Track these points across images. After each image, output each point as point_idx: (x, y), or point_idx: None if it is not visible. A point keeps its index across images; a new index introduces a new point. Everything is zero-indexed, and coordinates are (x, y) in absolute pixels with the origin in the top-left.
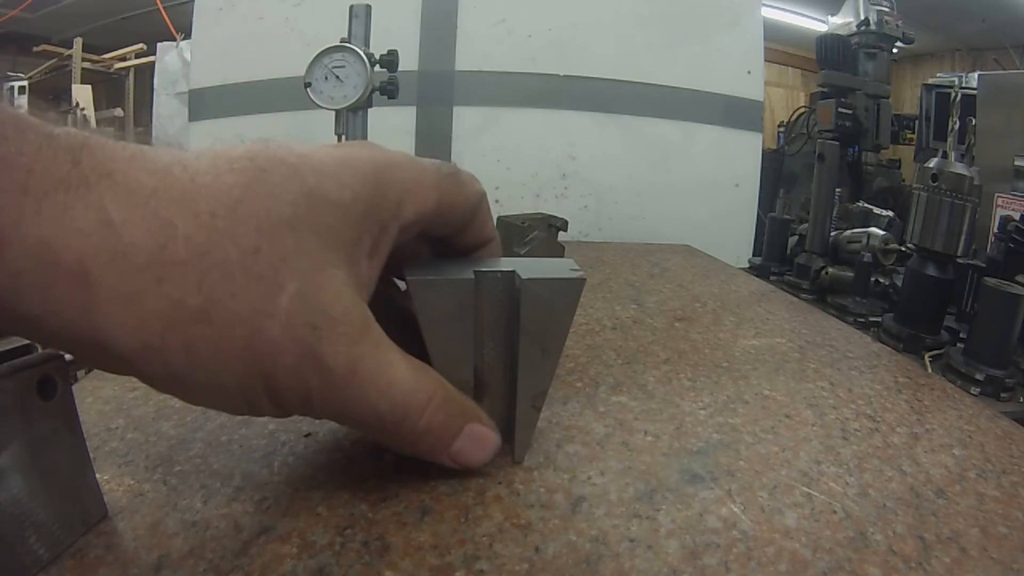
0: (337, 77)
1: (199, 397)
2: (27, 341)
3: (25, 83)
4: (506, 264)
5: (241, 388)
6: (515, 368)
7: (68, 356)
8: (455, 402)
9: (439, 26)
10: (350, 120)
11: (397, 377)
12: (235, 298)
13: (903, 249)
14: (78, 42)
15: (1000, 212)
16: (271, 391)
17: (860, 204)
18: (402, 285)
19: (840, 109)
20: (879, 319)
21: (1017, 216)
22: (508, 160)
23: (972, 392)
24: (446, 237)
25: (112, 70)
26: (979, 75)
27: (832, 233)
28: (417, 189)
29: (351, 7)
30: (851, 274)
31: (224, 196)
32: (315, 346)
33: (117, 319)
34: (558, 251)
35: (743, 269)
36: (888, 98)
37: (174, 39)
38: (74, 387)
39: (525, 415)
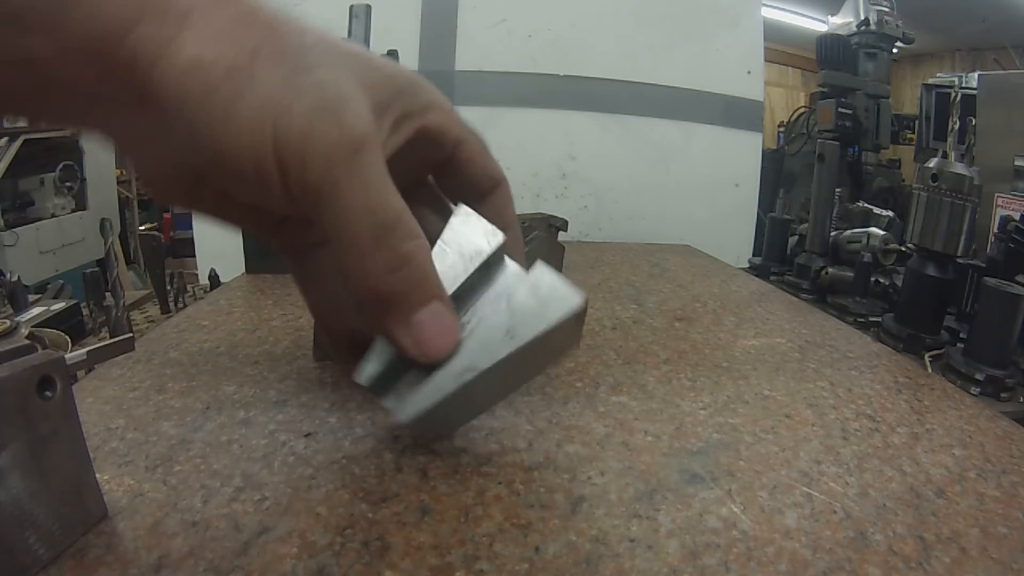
0: None
1: (218, 143)
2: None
3: None
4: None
5: (256, 124)
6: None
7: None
8: (432, 270)
9: (439, 26)
10: None
11: (396, 194)
12: (283, 54)
13: (903, 249)
14: None
15: (1000, 212)
16: (279, 137)
17: (860, 204)
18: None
19: (840, 109)
20: (879, 319)
21: (1017, 216)
22: (508, 160)
23: (972, 392)
24: (443, 165)
25: None
26: (979, 75)
27: (832, 233)
28: (443, 107)
29: (351, 7)
30: (851, 274)
31: (306, 24)
32: (332, 106)
33: (191, 43)
34: (558, 251)
35: (743, 269)
36: (888, 98)
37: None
38: (74, 387)
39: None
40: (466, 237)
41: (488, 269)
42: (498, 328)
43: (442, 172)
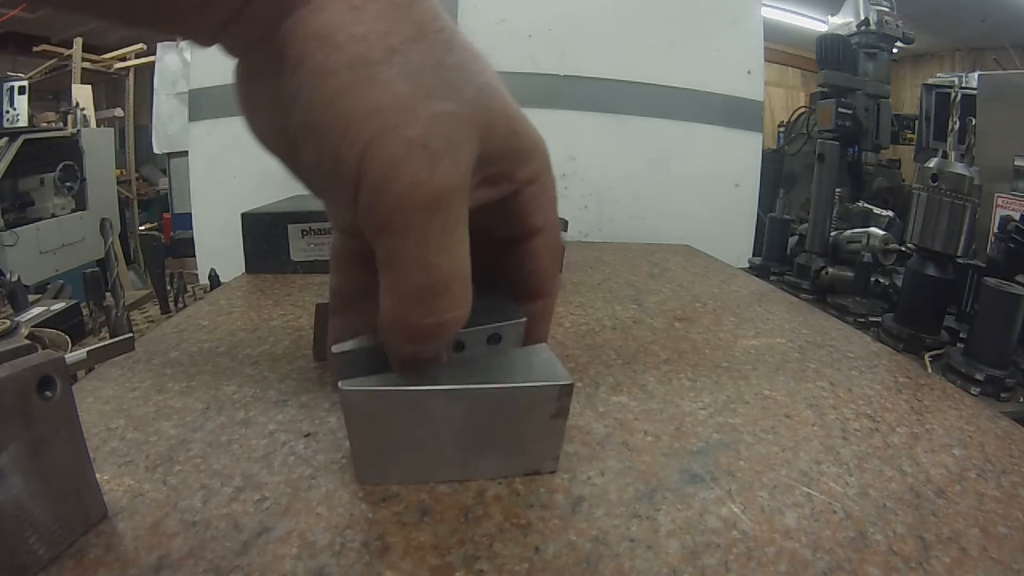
0: None
1: (313, 118)
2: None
3: (25, 83)
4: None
5: (357, 122)
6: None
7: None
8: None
9: None
10: None
11: (461, 254)
12: (416, 65)
13: (903, 249)
14: (78, 42)
15: (1000, 212)
16: (373, 145)
17: (860, 204)
18: None
19: (840, 109)
20: (879, 319)
21: (1017, 216)
22: None
23: (972, 392)
24: (507, 245)
25: (112, 70)
26: (979, 75)
27: (832, 233)
28: (545, 187)
29: None
30: (851, 274)
31: (458, 37)
32: (439, 149)
33: (332, 15)
34: (558, 251)
35: (743, 269)
36: (888, 98)
37: (174, 39)
38: (74, 387)
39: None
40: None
41: (503, 331)
42: (479, 369)
43: (502, 250)
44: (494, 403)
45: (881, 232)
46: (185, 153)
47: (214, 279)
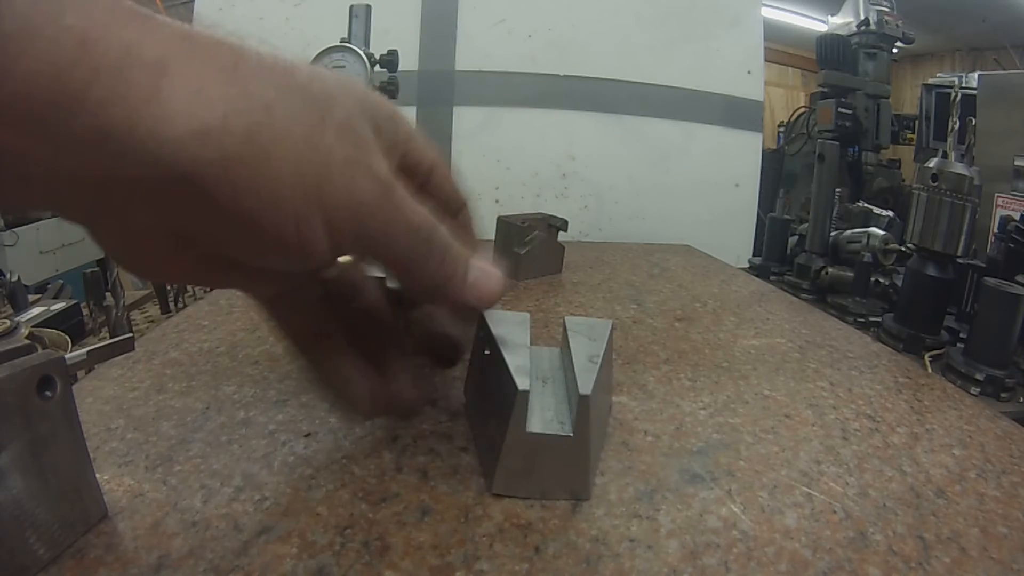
0: None
1: (247, 209)
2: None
3: None
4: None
5: (296, 189)
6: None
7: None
8: (454, 243)
9: (439, 26)
10: None
11: (419, 205)
12: (294, 105)
13: (903, 249)
14: None
15: (1000, 212)
16: (324, 198)
17: (860, 204)
18: None
19: (840, 109)
20: (879, 319)
21: (1017, 216)
22: (508, 160)
23: (972, 392)
24: (418, 189)
25: None
26: (979, 75)
27: (832, 233)
28: (418, 136)
29: (351, 7)
30: (851, 274)
31: (289, 62)
32: (362, 156)
33: (183, 103)
34: (558, 251)
35: (743, 269)
36: (888, 98)
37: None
38: (74, 387)
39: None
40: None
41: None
42: (577, 360)
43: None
44: (606, 375)
45: (881, 232)
46: None
47: None
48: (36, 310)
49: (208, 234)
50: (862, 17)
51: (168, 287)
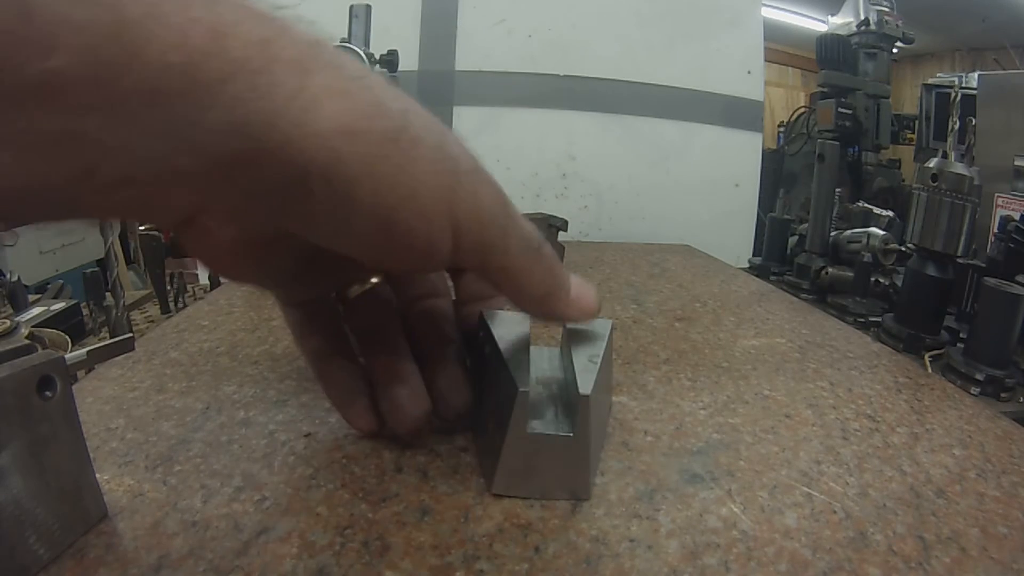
0: None
1: (386, 206)
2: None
3: None
4: None
5: (433, 190)
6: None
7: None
8: (558, 261)
9: (439, 26)
10: None
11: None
12: (423, 115)
13: (903, 249)
14: None
15: (1000, 212)
16: (454, 202)
17: (860, 204)
18: None
19: (840, 109)
20: (879, 319)
21: (1017, 216)
22: (508, 160)
23: (972, 392)
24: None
25: None
26: (979, 75)
27: (832, 233)
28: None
29: (351, 7)
30: (851, 274)
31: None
32: (481, 167)
33: (329, 102)
34: (558, 251)
35: (743, 269)
36: (888, 98)
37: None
38: (74, 387)
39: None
40: (515, 334)
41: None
42: (577, 360)
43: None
44: (605, 376)
45: (881, 232)
46: None
47: (214, 279)
48: (36, 310)
49: (323, 232)
50: (862, 17)
51: (168, 287)
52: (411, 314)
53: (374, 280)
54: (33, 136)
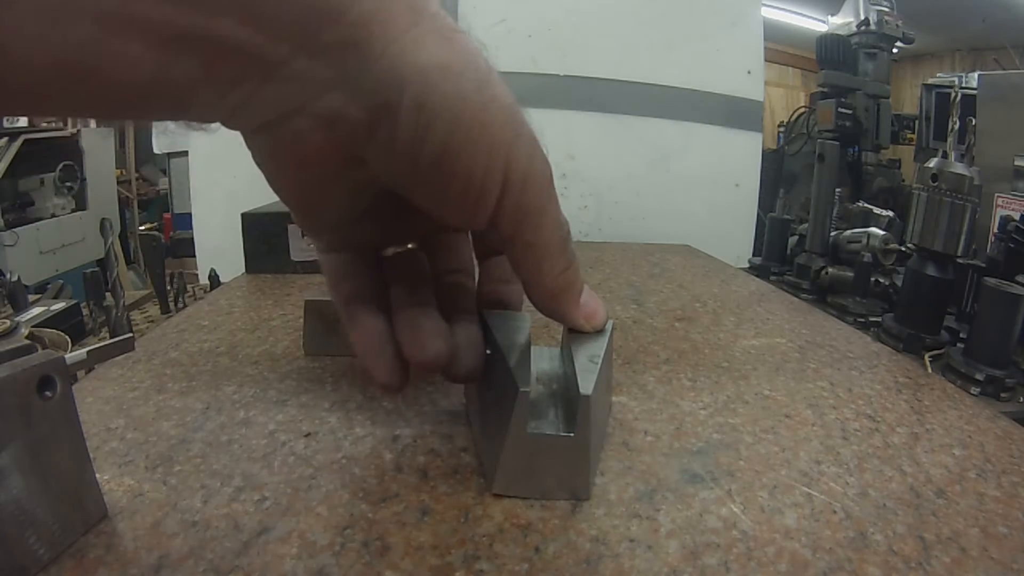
0: None
1: (456, 144)
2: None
3: None
4: None
5: (498, 140)
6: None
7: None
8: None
9: None
10: None
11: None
12: (500, 79)
13: (903, 249)
14: None
15: (1000, 212)
16: (511, 158)
17: (860, 204)
18: None
19: (840, 109)
20: (879, 319)
21: (1017, 216)
22: None
23: (972, 392)
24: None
25: None
26: (979, 75)
27: (832, 233)
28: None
29: None
30: (851, 274)
31: None
32: (538, 140)
33: (433, 43)
34: None
35: (743, 269)
36: (888, 98)
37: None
38: (74, 387)
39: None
40: (516, 334)
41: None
42: (578, 360)
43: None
44: (606, 376)
45: (881, 232)
46: (185, 153)
47: (214, 279)
48: (36, 310)
49: (395, 161)
50: (862, 17)
51: (168, 287)
52: (440, 284)
53: (411, 246)
54: (165, 30)
